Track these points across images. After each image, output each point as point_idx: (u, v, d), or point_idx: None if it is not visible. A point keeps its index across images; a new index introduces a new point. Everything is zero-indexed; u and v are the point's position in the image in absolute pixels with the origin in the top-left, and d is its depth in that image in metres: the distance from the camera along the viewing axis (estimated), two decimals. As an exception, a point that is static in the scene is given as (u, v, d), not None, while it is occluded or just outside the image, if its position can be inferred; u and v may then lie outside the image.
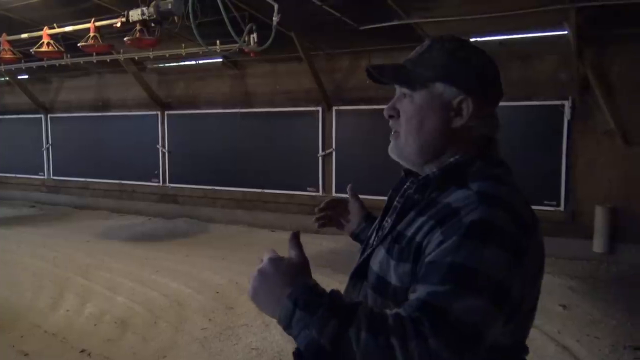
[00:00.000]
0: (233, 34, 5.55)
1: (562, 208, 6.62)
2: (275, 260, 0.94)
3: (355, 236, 1.53)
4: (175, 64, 8.78)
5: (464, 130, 1.09)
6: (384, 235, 1.10)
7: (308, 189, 8.17)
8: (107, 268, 6.25)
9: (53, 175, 10.96)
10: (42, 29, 6.15)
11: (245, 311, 4.86)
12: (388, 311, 0.88)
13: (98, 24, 5.65)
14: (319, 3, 5.84)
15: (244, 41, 5.95)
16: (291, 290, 0.89)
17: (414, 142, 1.11)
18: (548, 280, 5.58)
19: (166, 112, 9.45)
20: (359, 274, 1.15)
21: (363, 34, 6.71)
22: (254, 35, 6.02)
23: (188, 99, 9.29)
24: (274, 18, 5.62)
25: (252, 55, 6.59)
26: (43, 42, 6.09)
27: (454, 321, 0.84)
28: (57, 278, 5.82)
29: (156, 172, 9.57)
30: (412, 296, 0.91)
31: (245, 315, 4.77)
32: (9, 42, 6.48)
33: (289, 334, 0.89)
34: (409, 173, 1.21)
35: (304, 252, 0.98)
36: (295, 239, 0.99)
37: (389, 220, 1.16)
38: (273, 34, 5.70)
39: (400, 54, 6.63)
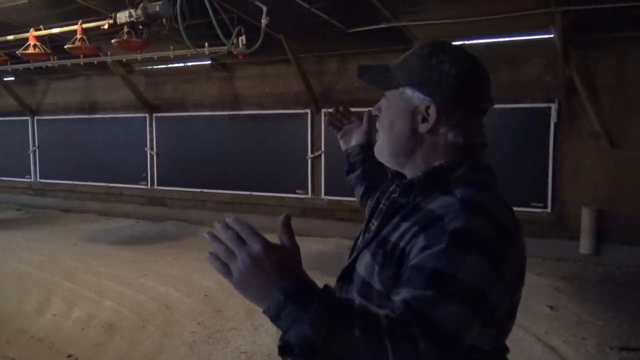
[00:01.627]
0: (221, 36, 5.53)
1: (549, 210, 6.68)
2: (268, 247, 0.87)
3: (347, 154, 1.61)
4: (163, 66, 8.76)
5: (433, 137, 1.09)
6: (370, 239, 1.11)
7: (297, 191, 8.17)
8: (94, 272, 6.20)
9: (40, 178, 10.85)
10: (28, 31, 6.09)
11: (234, 314, 4.85)
12: (379, 311, 0.88)
13: (85, 25, 5.61)
14: (307, 6, 5.85)
15: (233, 43, 5.93)
16: (282, 281, 0.85)
17: (386, 141, 1.15)
18: (535, 282, 5.68)
19: (154, 115, 9.40)
20: (346, 277, 1.15)
21: (351, 37, 6.73)
22: (243, 38, 6.00)
23: (176, 101, 9.25)
24: (262, 20, 5.61)
25: (240, 57, 6.57)
26: (29, 44, 6.03)
27: (439, 327, 0.86)
28: (44, 282, 5.76)
29: (144, 174, 9.51)
30: (397, 297, 0.91)
31: (234, 318, 4.76)
32: (-5, 44, 6.42)
33: (276, 325, 0.85)
34: (395, 175, 1.21)
35: (295, 239, 0.93)
36: (287, 224, 0.93)
37: (375, 223, 1.17)
38: (262, 37, 5.69)
39: (389, 57, 6.66)
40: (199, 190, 9.04)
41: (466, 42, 6.70)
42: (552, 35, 5.95)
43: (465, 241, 0.93)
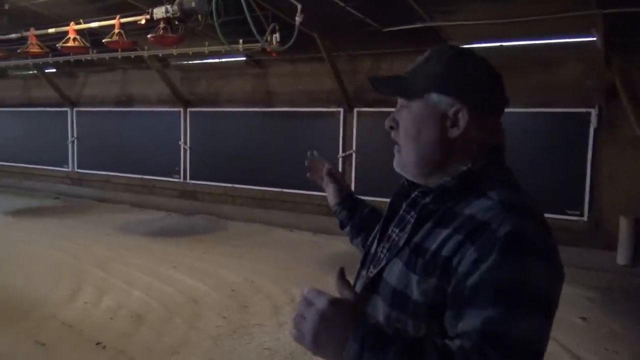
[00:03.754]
0: (255, 33, 5.56)
1: (585, 217, 6.50)
2: (337, 302, 0.89)
3: (334, 212, 1.61)
4: (198, 61, 8.86)
5: (464, 141, 1.07)
6: (401, 247, 1.07)
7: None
8: (125, 262, 6.32)
9: (77, 168, 11.13)
10: (68, 25, 6.24)
11: (260, 310, 4.89)
12: (451, 344, 0.87)
13: (123, 20, 5.72)
14: (341, 4, 5.82)
15: (266, 41, 5.96)
16: (356, 331, 0.86)
17: (412, 153, 1.10)
18: (567, 291, 5.48)
19: (188, 109, 9.53)
20: (371, 287, 1.11)
21: (386, 36, 6.67)
22: (277, 35, 6.02)
23: (210, 96, 9.36)
24: (296, 18, 5.62)
25: (273, 55, 6.60)
26: (69, 38, 6.18)
27: (516, 344, 0.85)
28: (76, 270, 5.91)
29: (177, 168, 9.65)
30: (463, 324, 0.89)
31: (259, 314, 4.79)
32: (37, 36, 6.60)
33: None
34: (411, 182, 1.19)
35: (354, 290, 0.95)
36: (342, 277, 0.95)
37: (397, 231, 1.14)
38: (295, 34, 5.70)
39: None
40: (230, 185, 9.13)
41: (502, 44, 6.59)
42: (592, 39, 5.78)
43: (519, 245, 0.91)
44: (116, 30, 5.71)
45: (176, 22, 5.33)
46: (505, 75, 1.11)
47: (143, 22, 5.37)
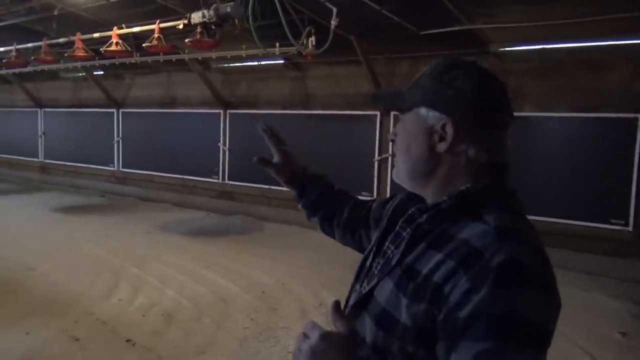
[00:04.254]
0: (290, 37, 5.60)
1: (630, 227, 6.21)
2: (327, 336, 0.92)
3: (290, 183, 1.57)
4: (239, 64, 8.99)
5: (455, 156, 1.05)
6: (392, 266, 1.04)
7: (362, 193, 8.11)
8: (161, 260, 6.48)
9: (122, 168, 11.49)
10: (112, 29, 6.46)
11: (288, 313, 4.91)
12: None
13: (162, 25, 5.87)
14: (377, 7, 5.78)
15: (302, 44, 5.98)
16: None
17: (404, 164, 1.11)
18: (608, 304, 5.32)
19: (228, 111, 9.68)
20: (362, 303, 1.10)
21: (424, 39, 6.59)
22: (312, 39, 6.04)
23: (250, 98, 9.48)
24: (332, 22, 5.62)
25: (309, 58, 6.62)
26: (112, 42, 6.39)
27: None
28: (115, 267, 6.10)
29: (216, 169, 9.82)
30: (456, 358, 0.88)
31: (287, 317, 4.81)
32: (82, 40, 6.85)
33: None
34: (412, 195, 1.17)
35: (350, 323, 0.96)
36: (338, 309, 0.95)
37: (392, 247, 1.11)
38: (330, 38, 5.70)
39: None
40: (266, 186, 9.21)
41: (545, 47, 6.39)
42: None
43: (514, 275, 0.88)
44: (155, 35, 5.86)
45: (213, 27, 5.42)
46: (549, 79, 1.08)
47: (181, 26, 5.49)
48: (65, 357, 3.89)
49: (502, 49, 6.75)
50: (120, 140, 11.38)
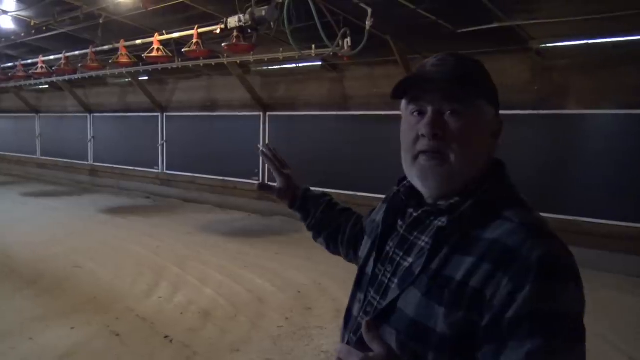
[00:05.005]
0: (325, 39, 5.63)
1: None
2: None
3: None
4: (277, 67, 9.09)
5: (492, 151, 1.07)
6: (417, 276, 1.00)
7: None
8: (201, 260, 6.62)
9: (166, 170, 11.81)
10: (153, 35, 6.66)
11: (322, 313, 4.93)
12: None
13: (200, 30, 6.00)
14: (413, 7, 5.74)
15: (338, 45, 6.00)
16: None
17: (468, 165, 1.02)
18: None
19: (268, 113, 9.81)
20: (382, 316, 1.04)
21: (461, 37, 6.49)
22: (348, 40, 6.05)
23: (288, 100, 9.57)
24: (367, 22, 5.62)
25: (345, 59, 6.64)
26: (153, 48, 6.59)
27: None
28: (156, 266, 6.27)
29: (256, 170, 9.94)
30: (508, 358, 0.86)
31: (322, 317, 4.83)
32: (126, 47, 7.10)
33: None
34: (409, 195, 1.13)
35: (385, 342, 0.88)
36: (373, 329, 0.87)
37: (401, 254, 1.07)
38: (365, 38, 5.70)
39: (503, 58, 6.35)
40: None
41: (589, 42, 6.19)
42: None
43: (554, 271, 0.88)
44: (194, 40, 6.01)
45: (249, 31, 5.51)
46: (593, 75, 1.06)
47: (218, 31, 5.60)
48: (107, 352, 4.03)
49: (544, 45, 6.58)
50: (164, 143, 11.70)
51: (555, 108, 6.68)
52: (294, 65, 8.82)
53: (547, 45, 6.57)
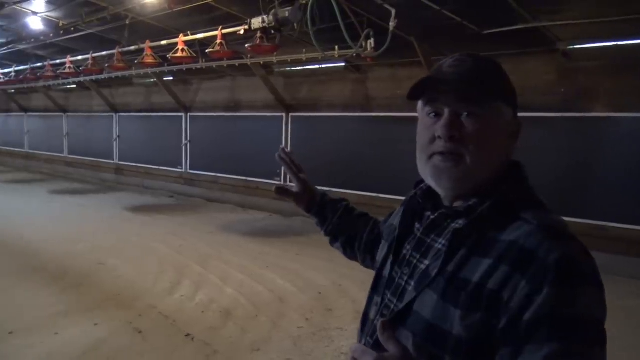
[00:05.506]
0: (349, 40, 5.64)
1: None
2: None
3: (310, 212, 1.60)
4: (300, 67, 9.12)
5: (511, 153, 1.07)
6: (433, 278, 1.00)
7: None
8: (223, 259, 6.67)
9: (189, 169, 11.93)
10: (178, 36, 6.74)
11: (342, 315, 4.92)
12: None
13: (224, 31, 6.06)
14: (437, 8, 5.71)
15: (361, 47, 5.99)
16: None
17: (484, 166, 1.02)
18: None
19: (290, 114, 9.84)
20: (398, 319, 1.03)
21: (487, 39, 6.42)
22: (371, 41, 6.04)
23: (311, 101, 9.59)
24: (390, 23, 5.60)
25: (369, 60, 6.62)
26: (178, 49, 6.66)
27: None
28: (179, 265, 6.34)
29: (278, 171, 9.97)
30: None
31: (342, 318, 4.83)
32: (151, 48, 7.20)
33: None
34: (426, 198, 1.13)
35: (401, 342, 0.88)
36: (389, 329, 0.87)
37: (417, 256, 1.07)
38: (389, 40, 5.68)
39: (529, 59, 6.26)
40: (327, 189, 9.15)
41: (617, 43, 6.07)
42: None
43: (572, 273, 0.87)
44: (218, 41, 6.06)
45: (272, 32, 5.54)
46: (622, 77, 1.04)
47: (242, 32, 5.64)
48: (129, 348, 4.09)
49: (571, 47, 6.46)
50: (188, 143, 11.82)
51: (581, 111, 6.56)
52: (316, 66, 8.83)
53: (574, 46, 6.46)
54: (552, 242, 0.89)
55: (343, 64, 8.49)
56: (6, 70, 12.20)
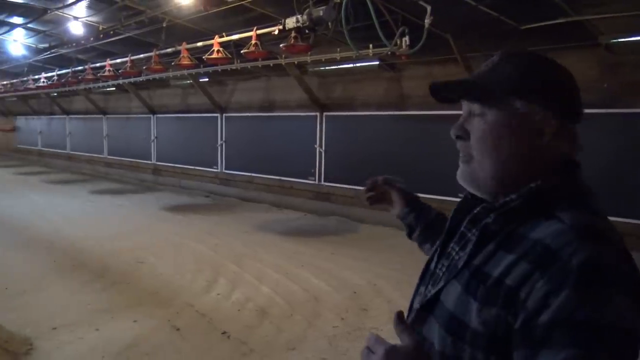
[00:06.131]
0: (383, 38, 5.59)
1: None
2: (393, 351, 0.88)
3: (401, 218, 1.58)
4: (334, 67, 9.10)
5: (544, 152, 0.98)
6: (459, 269, 1.00)
7: (459, 195, 7.87)
8: (258, 258, 6.72)
9: (225, 169, 12.07)
10: (213, 38, 6.82)
11: (378, 314, 4.89)
12: None
13: (259, 32, 6.09)
14: (474, 3, 5.60)
15: (395, 44, 5.94)
16: None
17: (490, 166, 1.00)
18: None
19: (324, 114, 9.83)
20: (427, 307, 1.06)
21: (525, 34, 6.28)
22: (406, 39, 5.97)
23: (345, 100, 9.57)
24: (425, 20, 5.53)
25: (403, 58, 6.56)
26: (214, 50, 6.74)
27: None
28: (215, 264, 6.41)
29: (312, 170, 10.00)
30: None
31: (377, 318, 4.79)
32: (187, 49, 7.30)
33: None
34: (474, 196, 1.11)
35: (414, 334, 0.92)
36: (402, 322, 0.90)
37: (457, 249, 1.07)
38: (424, 37, 5.61)
39: (570, 55, 6.11)
40: (362, 188, 9.17)
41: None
42: None
43: (596, 278, 0.81)
44: (253, 41, 6.10)
45: (306, 31, 5.54)
46: None
47: (276, 32, 5.67)
48: (168, 345, 4.15)
49: (614, 41, 6.25)
50: (223, 143, 11.96)
51: (626, 106, 6.34)
52: (351, 65, 8.79)
53: (618, 40, 6.24)
54: (581, 243, 0.84)
55: (377, 63, 8.43)
56: (49, 74, 12.60)
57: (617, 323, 0.79)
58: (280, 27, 5.62)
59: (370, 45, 6.41)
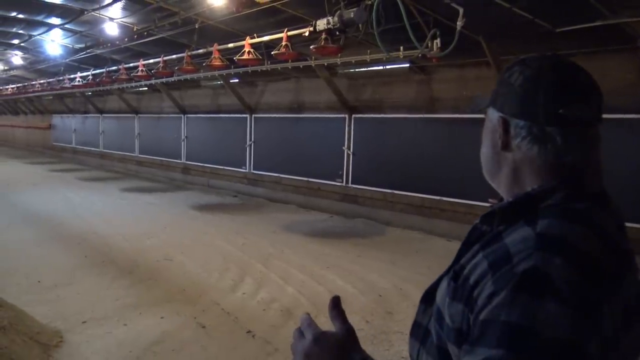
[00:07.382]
0: (414, 40, 5.55)
1: None
2: (320, 340, 0.91)
3: None
4: (364, 69, 9.08)
5: (515, 153, 0.98)
6: (449, 267, 1.02)
7: (490, 200, 7.74)
8: (284, 259, 6.74)
9: (253, 170, 12.16)
10: (244, 39, 6.88)
11: (403, 318, 4.84)
12: None
13: (290, 33, 6.12)
14: (507, 5, 5.52)
15: (426, 47, 5.89)
16: None
17: (482, 164, 1.11)
18: None
19: (353, 116, 9.81)
20: (426, 299, 1.08)
21: (560, 37, 6.16)
22: (437, 41, 5.92)
23: (374, 103, 9.53)
24: (458, 23, 5.48)
25: (434, 60, 6.50)
26: (245, 51, 6.80)
27: None
28: (242, 263, 6.46)
29: (340, 172, 9.99)
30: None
31: (402, 322, 4.75)
32: (219, 51, 7.38)
33: None
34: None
35: (347, 320, 0.94)
36: (337, 307, 0.94)
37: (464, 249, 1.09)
38: (456, 39, 5.56)
39: (606, 58, 5.96)
40: (389, 191, 9.19)
41: None
42: None
43: (537, 285, 0.80)
44: (283, 43, 6.13)
45: (337, 33, 5.54)
46: None
47: (307, 34, 5.68)
48: (194, 342, 4.20)
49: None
50: (252, 144, 12.05)
51: (665, 112, 6.16)
52: (380, 67, 8.75)
53: (658, 43, 6.06)
54: (537, 252, 0.83)
55: (407, 65, 8.37)
56: (84, 74, 12.91)
57: (548, 331, 0.76)
58: (311, 28, 5.63)
59: (401, 48, 6.38)
